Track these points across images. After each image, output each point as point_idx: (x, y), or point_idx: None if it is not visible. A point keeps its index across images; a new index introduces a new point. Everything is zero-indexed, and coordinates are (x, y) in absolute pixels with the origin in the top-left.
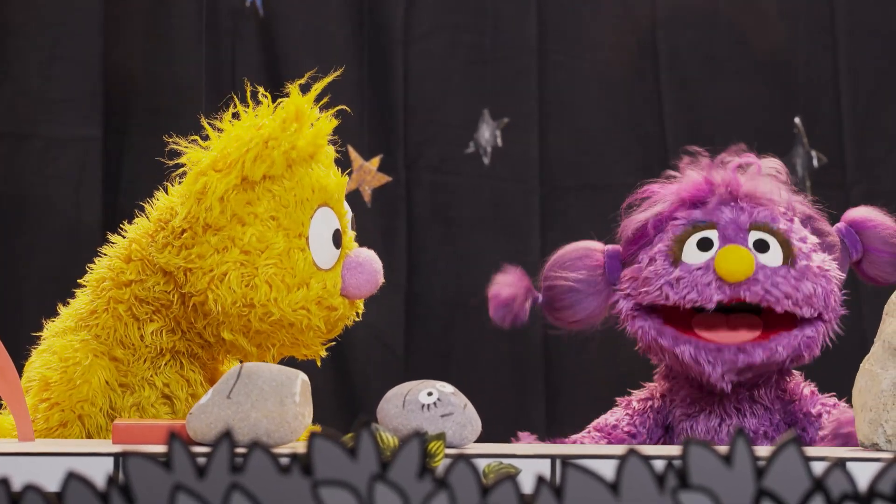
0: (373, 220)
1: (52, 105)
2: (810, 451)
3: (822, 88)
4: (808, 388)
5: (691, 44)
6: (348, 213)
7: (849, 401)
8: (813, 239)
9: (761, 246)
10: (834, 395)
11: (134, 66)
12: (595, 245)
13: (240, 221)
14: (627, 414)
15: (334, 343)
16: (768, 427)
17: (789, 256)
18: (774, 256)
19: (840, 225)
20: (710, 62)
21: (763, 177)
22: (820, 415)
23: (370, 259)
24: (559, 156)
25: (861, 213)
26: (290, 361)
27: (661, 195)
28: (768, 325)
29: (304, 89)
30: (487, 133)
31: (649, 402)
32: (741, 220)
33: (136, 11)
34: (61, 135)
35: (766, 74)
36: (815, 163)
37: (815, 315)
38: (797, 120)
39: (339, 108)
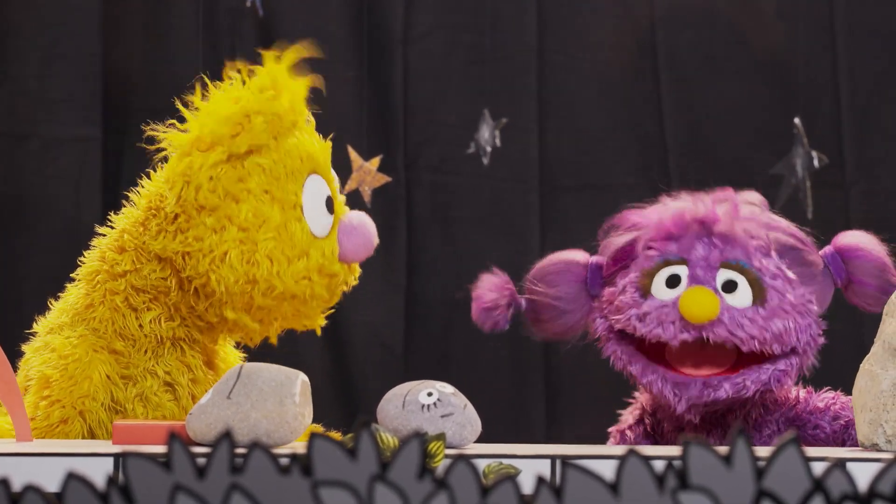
0: (373, 220)
1: (51, 105)
2: (810, 451)
3: (821, 88)
4: (802, 391)
5: (691, 44)
6: (335, 179)
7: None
8: (790, 273)
9: (729, 286)
10: (829, 389)
11: (133, 66)
12: (577, 256)
13: (233, 199)
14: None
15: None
16: (757, 439)
17: (759, 296)
18: (743, 297)
19: (827, 250)
20: (710, 62)
21: (740, 215)
22: (828, 407)
23: (364, 222)
24: (559, 156)
25: (851, 240)
26: (290, 361)
27: (638, 223)
28: (742, 354)
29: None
30: (487, 133)
31: (641, 427)
32: (712, 258)
33: (136, 11)
34: (61, 135)
35: (765, 74)
36: (815, 163)
37: (788, 350)
38: (797, 120)
39: (314, 78)
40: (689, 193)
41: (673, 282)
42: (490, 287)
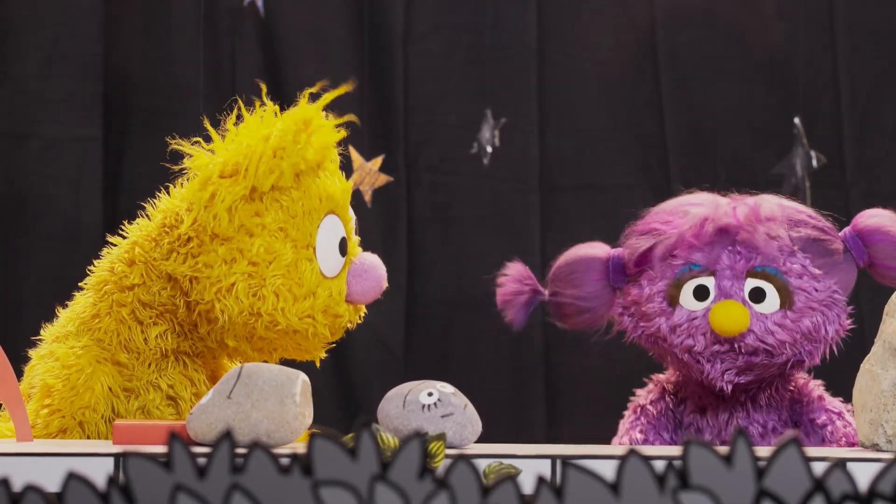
0: (373, 221)
1: (51, 105)
2: (811, 451)
3: (822, 88)
4: (817, 391)
5: (691, 44)
6: (352, 219)
7: (850, 401)
8: (814, 270)
9: (757, 295)
10: (841, 399)
11: (133, 66)
12: (598, 252)
13: (248, 233)
14: (651, 424)
15: (334, 343)
16: (777, 422)
17: (786, 300)
18: (771, 303)
19: (847, 232)
20: (710, 62)
21: (762, 217)
22: (825, 425)
23: (375, 265)
24: (559, 156)
25: (872, 222)
26: (290, 362)
27: (662, 231)
28: None
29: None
30: (487, 133)
31: (662, 404)
32: (738, 268)
33: (136, 11)
34: (61, 135)
35: (765, 74)
36: (814, 163)
37: (817, 341)
38: (797, 120)
39: (347, 118)
40: (707, 194)
41: (701, 293)
42: (514, 277)
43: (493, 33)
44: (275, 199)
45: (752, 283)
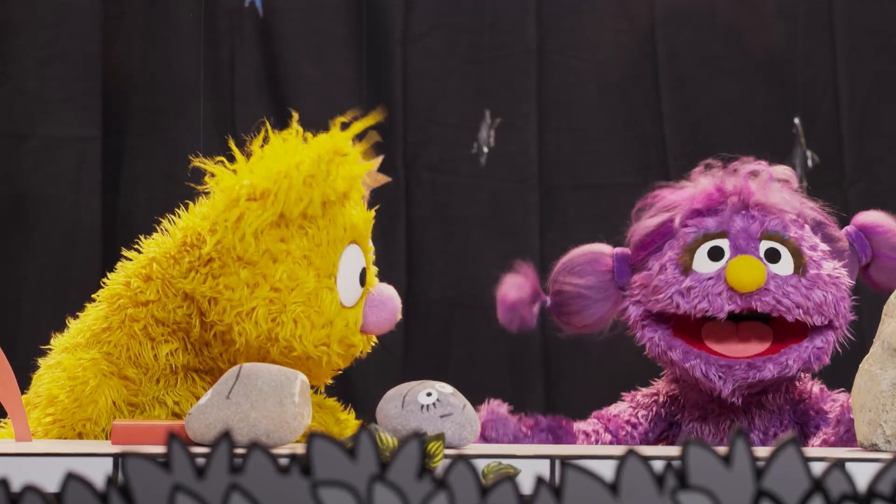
0: (374, 222)
1: (50, 105)
2: (809, 451)
3: (821, 88)
4: (816, 386)
5: (690, 44)
6: (372, 249)
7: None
8: (823, 246)
9: (772, 255)
10: (843, 391)
11: (133, 66)
12: (603, 248)
13: (272, 258)
14: (631, 406)
15: (341, 371)
16: (778, 427)
17: (800, 265)
18: (785, 266)
19: (850, 228)
20: (709, 62)
21: (774, 186)
22: (836, 411)
23: (391, 297)
24: (558, 155)
25: (871, 217)
26: None
27: (672, 202)
28: (778, 333)
29: (315, 107)
30: (484, 134)
31: (655, 398)
32: (752, 230)
33: (135, 11)
34: (60, 135)
35: (765, 74)
36: (809, 163)
37: (826, 323)
38: (797, 120)
39: (372, 139)
40: (721, 168)
41: (715, 254)
42: (514, 285)
43: (492, 33)
44: (300, 227)
45: (766, 244)
